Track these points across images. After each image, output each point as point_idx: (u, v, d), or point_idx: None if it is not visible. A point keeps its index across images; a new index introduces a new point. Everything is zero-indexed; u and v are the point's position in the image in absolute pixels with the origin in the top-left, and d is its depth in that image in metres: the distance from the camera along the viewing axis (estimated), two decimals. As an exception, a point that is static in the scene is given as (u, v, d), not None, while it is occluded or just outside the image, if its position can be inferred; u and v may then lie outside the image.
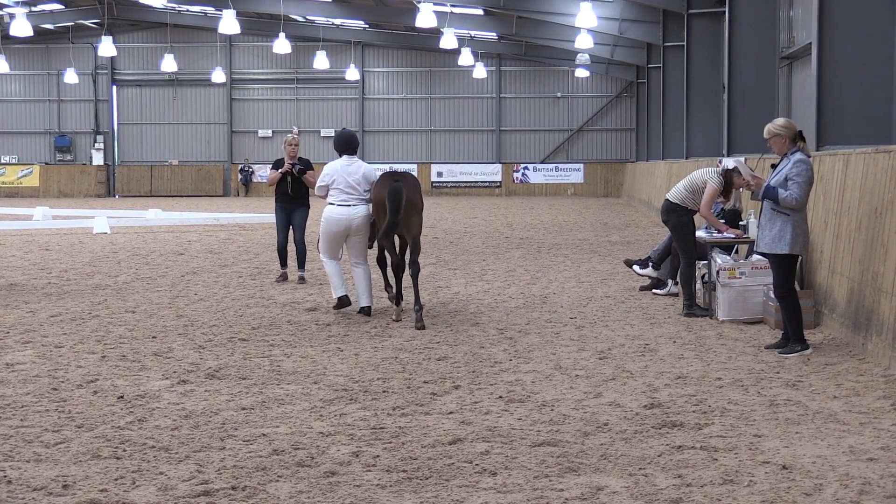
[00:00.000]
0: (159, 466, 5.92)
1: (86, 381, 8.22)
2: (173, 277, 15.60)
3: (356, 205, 11.57)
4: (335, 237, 11.67)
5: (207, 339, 10.22)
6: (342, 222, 11.55)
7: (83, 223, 26.44)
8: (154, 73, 53.35)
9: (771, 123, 9.50)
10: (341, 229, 11.59)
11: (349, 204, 11.55)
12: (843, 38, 13.14)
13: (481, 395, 7.71)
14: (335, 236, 11.66)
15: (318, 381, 8.21)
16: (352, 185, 11.55)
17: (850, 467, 5.81)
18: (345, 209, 11.55)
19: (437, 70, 53.00)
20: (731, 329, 10.70)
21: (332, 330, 10.75)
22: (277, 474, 5.78)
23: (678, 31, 31.64)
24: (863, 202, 9.67)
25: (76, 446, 6.33)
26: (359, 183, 11.58)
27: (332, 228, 11.61)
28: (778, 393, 7.70)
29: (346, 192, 11.55)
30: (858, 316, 9.43)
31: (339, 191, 11.56)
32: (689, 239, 12.10)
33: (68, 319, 11.46)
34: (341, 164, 11.66)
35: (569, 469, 5.84)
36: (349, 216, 11.53)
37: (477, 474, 5.76)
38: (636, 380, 8.22)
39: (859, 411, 7.11)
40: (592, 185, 51.99)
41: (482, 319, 11.46)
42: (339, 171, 11.60)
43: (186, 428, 6.76)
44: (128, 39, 53.84)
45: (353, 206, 11.55)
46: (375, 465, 5.94)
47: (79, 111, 54.65)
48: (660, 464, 5.91)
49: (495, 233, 25.17)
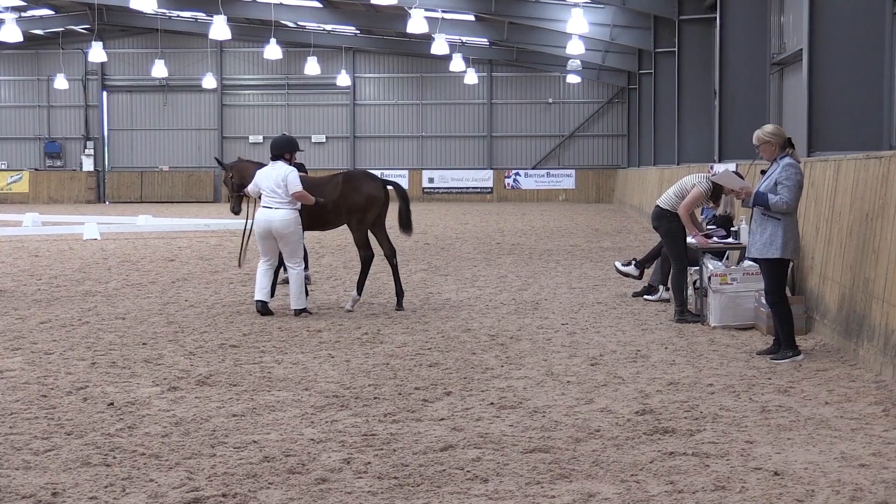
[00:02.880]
0: (149, 474, 5.91)
1: (75, 387, 8.19)
2: (164, 284, 15.57)
3: (277, 207, 12.07)
4: (260, 238, 12.22)
5: (198, 345, 10.20)
6: (262, 224, 12.13)
7: (73, 229, 26.38)
8: (144, 79, 53.27)
9: (760, 130, 9.52)
10: (261, 230, 12.14)
11: (270, 207, 12.10)
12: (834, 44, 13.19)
13: (473, 401, 7.71)
14: (259, 237, 12.22)
15: (308, 388, 8.20)
16: (273, 189, 12.09)
17: (842, 473, 5.82)
18: (266, 211, 12.13)
19: (428, 76, 53.03)
20: (723, 335, 10.72)
21: (323, 336, 10.74)
22: (268, 481, 5.77)
23: (670, 37, 31.72)
24: (854, 208, 9.69)
25: (66, 453, 6.31)
26: (279, 186, 12.09)
27: (255, 229, 12.26)
28: (769, 399, 7.71)
29: (269, 195, 12.11)
30: (850, 322, 9.45)
31: (263, 194, 12.19)
32: (680, 244, 12.10)
33: (58, 326, 11.43)
34: (266, 169, 12.32)
35: (560, 475, 5.84)
36: (268, 218, 12.08)
37: (468, 481, 5.76)
38: (628, 386, 8.22)
39: (851, 417, 7.12)
40: (584, 191, 52.04)
41: (473, 325, 11.46)
42: (263, 176, 12.23)
43: (177, 435, 6.74)
44: (118, 45, 53.76)
45: (273, 209, 12.08)
46: (367, 471, 5.93)
47: (69, 117, 54.55)
48: (651, 470, 5.92)
49: (487, 239, 25.18)
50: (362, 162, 52.67)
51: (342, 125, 53.43)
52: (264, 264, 12.25)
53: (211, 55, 53.12)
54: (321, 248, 21.74)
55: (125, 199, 53.13)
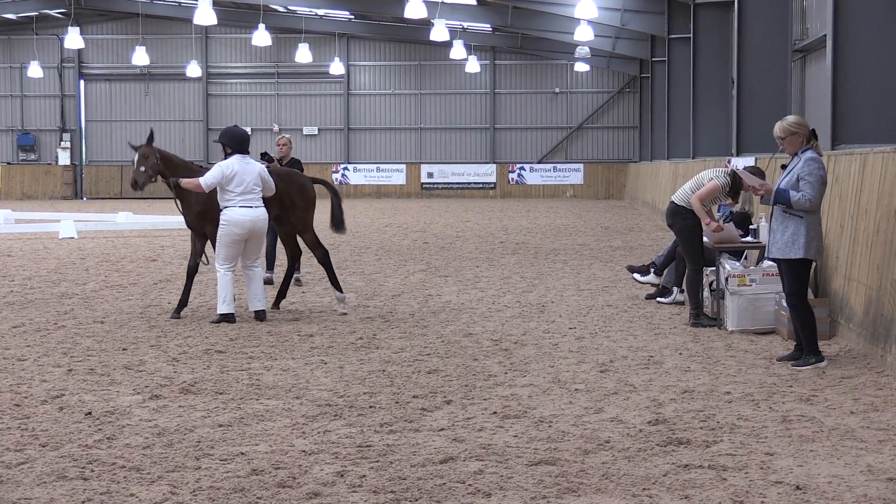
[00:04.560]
0: (130, 488, 5.91)
1: (51, 396, 8.20)
2: (145, 285, 15.58)
3: (259, 206, 12.04)
4: (237, 241, 11.98)
5: (182, 350, 10.20)
6: (246, 224, 11.91)
7: (48, 227, 26.38)
8: (124, 67, 53.26)
9: (783, 121, 9.51)
10: (245, 232, 11.94)
11: (251, 206, 11.96)
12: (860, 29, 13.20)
13: (474, 410, 7.71)
14: (237, 240, 11.97)
15: (300, 396, 8.20)
16: (253, 187, 11.98)
17: (869, 488, 5.82)
18: (248, 211, 11.94)
19: (427, 64, 53.04)
20: (741, 340, 10.72)
21: (316, 341, 10.75)
22: (257, 496, 5.78)
23: (684, 22, 31.72)
24: (881, 204, 9.70)
25: (40, 466, 6.31)
26: (257, 184, 12.03)
27: (237, 231, 11.92)
28: (791, 408, 7.71)
29: (250, 193, 11.95)
30: (877, 326, 9.45)
31: (240, 191, 11.90)
32: (696, 244, 12.10)
33: (32, 330, 11.43)
34: (239, 164, 12.02)
35: (568, 490, 5.84)
36: (254, 218, 11.96)
37: (470, 495, 5.76)
38: (640, 394, 8.23)
39: (878, 428, 7.12)
40: (593, 187, 52.05)
41: (475, 330, 11.46)
42: (239, 172, 11.96)
43: (159, 446, 6.75)
44: (96, 31, 53.77)
45: (255, 208, 11.99)
46: (362, 485, 5.94)
47: (43, 107, 54.54)
48: (665, 484, 5.92)
49: (489, 237, 25.20)
50: (357, 156, 52.72)
51: (335, 116, 53.45)
52: (229, 271, 12.00)
53: (195, 41, 53.12)
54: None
55: (104, 195, 53.14)
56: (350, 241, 23.39)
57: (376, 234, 26.05)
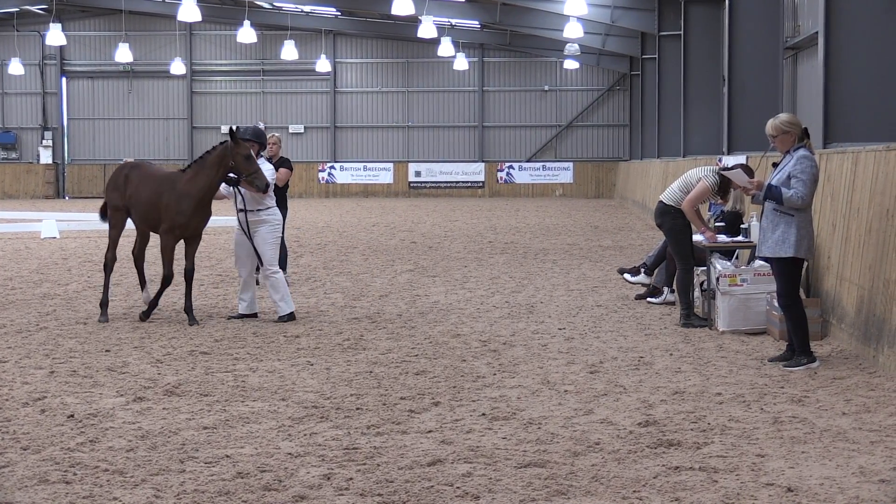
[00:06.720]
0: (113, 491, 5.90)
1: (32, 398, 8.18)
2: (128, 286, 15.55)
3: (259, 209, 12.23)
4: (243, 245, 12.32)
5: (166, 352, 10.19)
6: None
7: (29, 227, 26.32)
8: (107, 64, 53.13)
9: (774, 119, 9.51)
10: None
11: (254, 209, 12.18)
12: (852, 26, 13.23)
13: (463, 412, 7.72)
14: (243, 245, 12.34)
15: (286, 398, 8.20)
16: None
17: (860, 489, 5.84)
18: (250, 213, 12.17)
19: (414, 61, 53.03)
20: (732, 340, 10.75)
21: (302, 342, 10.74)
22: (242, 499, 5.77)
23: (675, 19, 31.77)
24: (873, 203, 9.73)
25: (21, 470, 6.29)
26: None
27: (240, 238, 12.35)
28: (782, 409, 7.73)
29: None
30: (869, 326, 9.48)
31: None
32: (686, 243, 12.12)
33: (13, 332, 11.40)
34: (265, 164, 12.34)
35: (557, 492, 5.85)
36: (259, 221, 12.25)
37: (458, 498, 5.77)
38: (630, 395, 8.24)
39: (870, 429, 7.15)
40: (582, 186, 52.11)
41: (464, 330, 11.47)
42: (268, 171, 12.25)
43: (143, 449, 6.74)
44: (78, 27, 53.62)
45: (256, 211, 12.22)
46: (349, 488, 5.94)
47: (24, 105, 54.36)
48: (655, 486, 5.93)
49: (478, 237, 25.21)
50: (344, 154, 52.67)
51: (322, 114, 53.39)
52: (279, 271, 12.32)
53: (179, 38, 53.01)
54: (300, 248, 21.73)
55: (86, 194, 52.98)
56: (337, 241, 23.39)
57: (363, 234, 26.04)
